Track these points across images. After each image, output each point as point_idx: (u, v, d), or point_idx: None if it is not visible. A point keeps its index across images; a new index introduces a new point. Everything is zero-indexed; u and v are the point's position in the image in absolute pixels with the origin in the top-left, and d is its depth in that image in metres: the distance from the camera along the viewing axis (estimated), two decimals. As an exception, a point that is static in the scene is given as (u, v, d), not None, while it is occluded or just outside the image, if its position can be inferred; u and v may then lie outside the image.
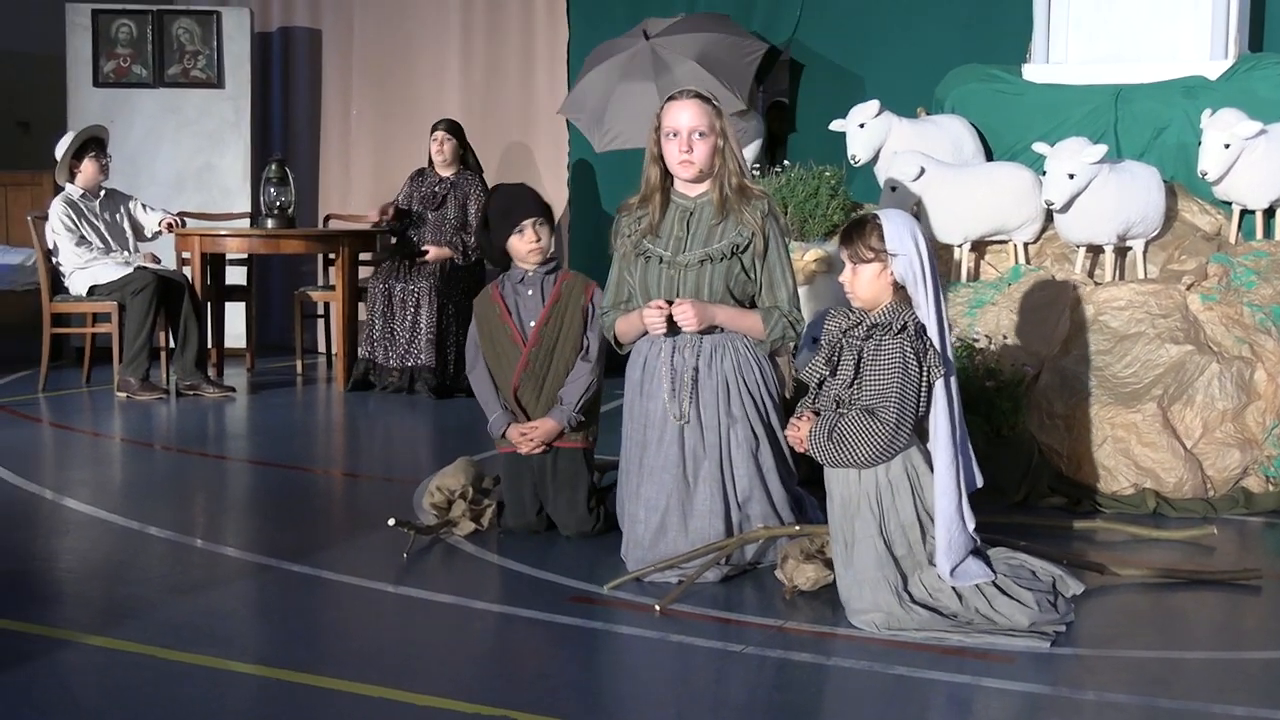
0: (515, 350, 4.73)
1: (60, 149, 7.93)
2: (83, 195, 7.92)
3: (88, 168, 7.91)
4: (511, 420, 4.73)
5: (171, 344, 7.92)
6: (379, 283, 7.98)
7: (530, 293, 4.77)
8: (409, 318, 7.86)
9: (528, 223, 4.74)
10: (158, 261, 7.95)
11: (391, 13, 9.70)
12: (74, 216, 7.82)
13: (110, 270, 7.79)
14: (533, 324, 4.72)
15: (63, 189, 7.96)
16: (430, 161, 8.29)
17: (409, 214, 8.17)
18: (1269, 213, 6.03)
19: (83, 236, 7.81)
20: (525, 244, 4.75)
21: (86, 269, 7.78)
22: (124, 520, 4.97)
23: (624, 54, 7.79)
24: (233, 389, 7.85)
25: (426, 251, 8.02)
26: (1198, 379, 5.26)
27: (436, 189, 8.18)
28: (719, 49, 7.75)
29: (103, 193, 8.01)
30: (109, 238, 7.94)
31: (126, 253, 7.93)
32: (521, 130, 9.33)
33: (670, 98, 4.32)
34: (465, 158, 8.29)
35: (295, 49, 10.00)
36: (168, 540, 4.71)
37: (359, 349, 8.07)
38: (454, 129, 8.26)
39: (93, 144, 7.96)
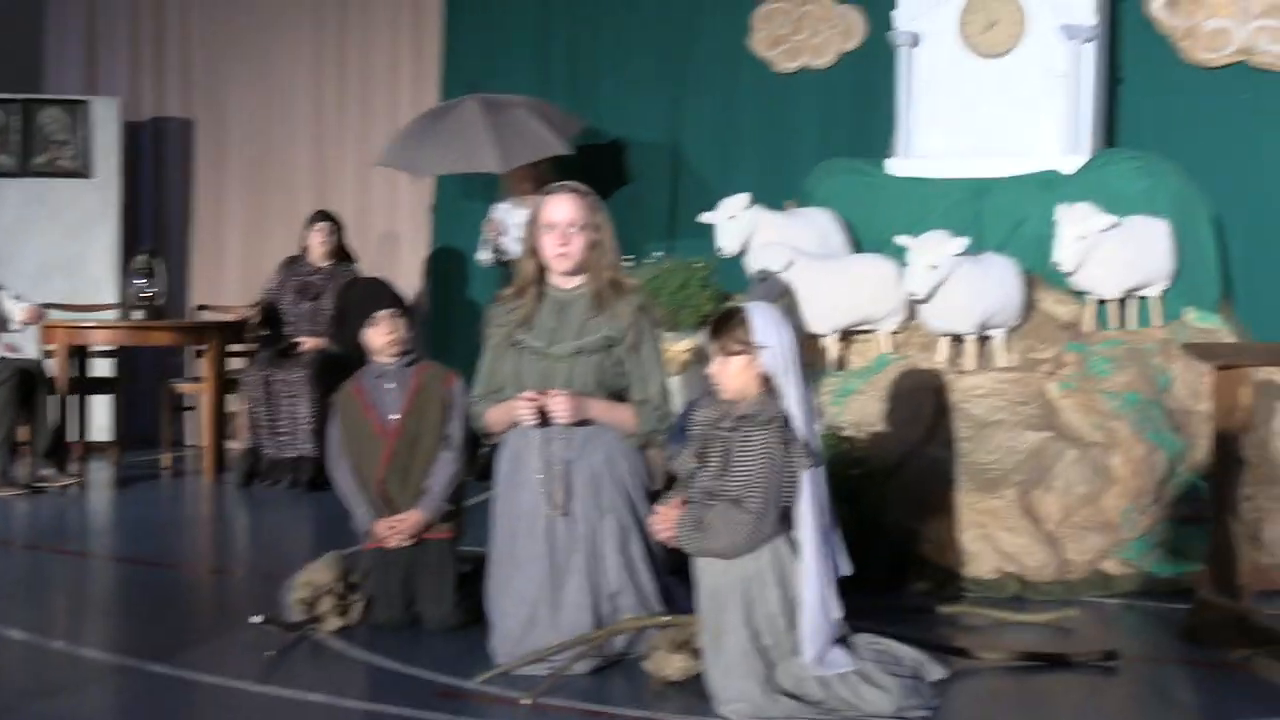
0: (378, 443, 4.72)
1: None
2: None
3: None
4: (378, 515, 4.70)
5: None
6: (255, 373, 7.89)
7: (390, 386, 4.77)
8: (285, 408, 7.78)
9: (382, 315, 4.76)
10: (16, 351, 7.77)
11: (265, 103, 9.68)
12: None
13: None
14: (394, 416, 4.72)
15: None
16: (304, 250, 8.24)
17: (277, 315, 8.09)
18: (1122, 302, 6.22)
19: None
20: (381, 336, 4.76)
21: None
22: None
23: (447, 105, 8.23)
24: (78, 478, 7.63)
25: (301, 342, 7.96)
26: (1056, 465, 5.39)
27: (312, 279, 8.14)
28: (546, 108, 8.14)
29: None
30: None
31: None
32: (389, 220, 9.35)
33: (547, 191, 4.38)
34: (342, 249, 8.28)
35: (167, 139, 9.92)
36: (24, 643, 4.57)
37: (244, 440, 7.95)
38: (336, 222, 8.26)
39: None
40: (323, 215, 8.28)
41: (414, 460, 4.71)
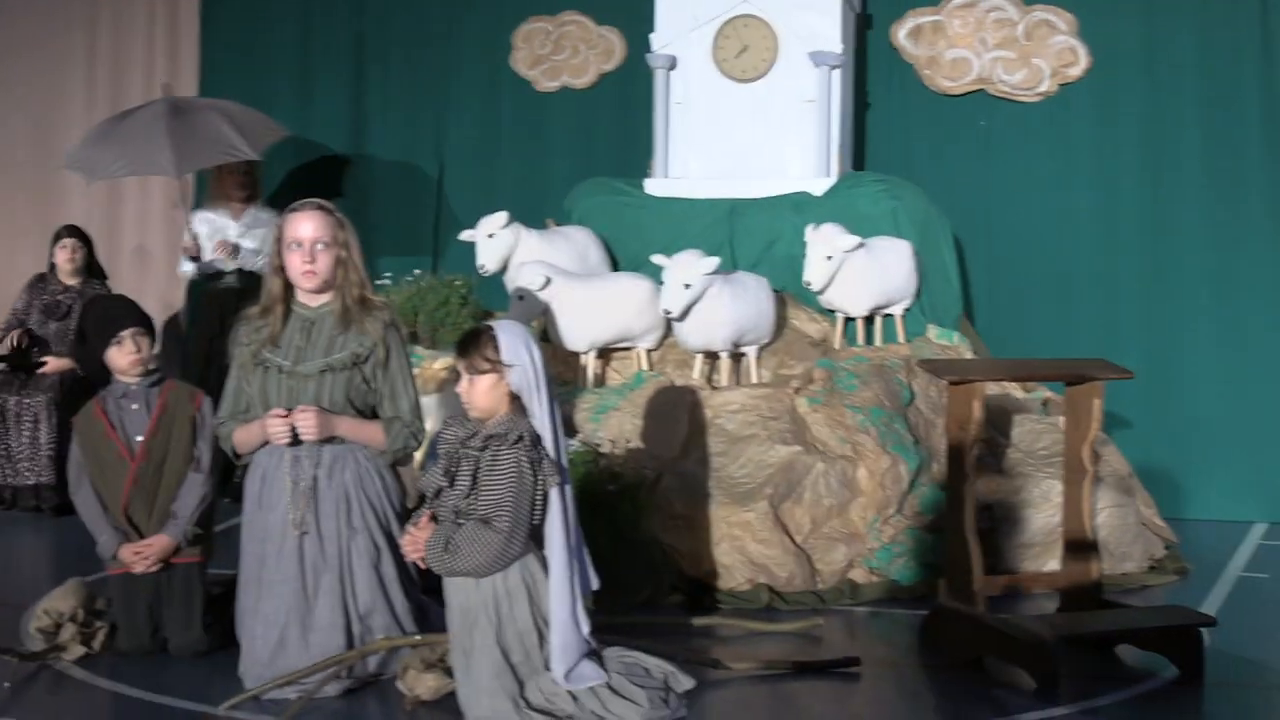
0: (123, 466, 4.61)
1: None
2: None
3: None
4: (123, 540, 4.59)
5: None
6: None
7: (135, 406, 4.66)
8: (25, 434, 7.48)
9: (126, 334, 4.66)
10: None
11: (13, 113, 9.31)
12: None
13: None
14: (139, 438, 4.61)
15: None
16: (52, 269, 7.96)
17: (37, 339, 7.80)
18: (869, 320, 6.45)
19: None
20: (125, 356, 4.66)
21: None
22: None
23: (135, 107, 7.99)
24: None
25: (45, 363, 7.68)
26: (805, 478, 5.57)
27: (60, 298, 7.85)
28: (242, 113, 7.87)
29: None
30: None
31: None
32: (140, 233, 9.09)
33: (292, 209, 4.33)
34: (91, 266, 8.02)
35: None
36: None
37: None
38: (84, 237, 7.98)
39: None
40: (70, 231, 7.98)
41: (160, 483, 4.61)
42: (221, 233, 7.77)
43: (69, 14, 9.25)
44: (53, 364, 7.67)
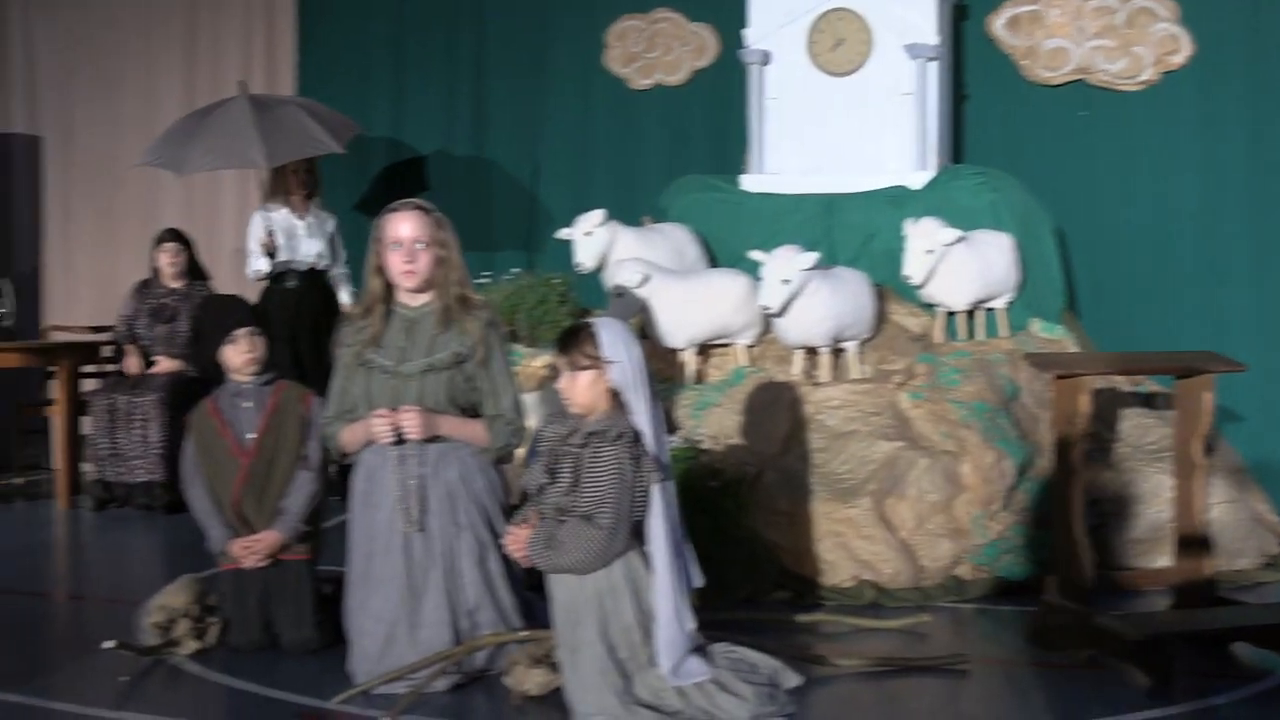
0: (234, 463, 4.68)
1: None
2: None
3: None
4: (233, 535, 4.66)
5: None
6: (102, 398, 7.73)
7: (247, 405, 4.73)
8: (136, 432, 7.63)
9: (241, 333, 4.72)
10: None
11: (114, 118, 9.48)
12: None
13: None
14: (251, 436, 4.68)
15: None
16: (155, 273, 8.10)
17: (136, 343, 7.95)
18: (970, 314, 6.39)
19: None
20: (240, 354, 4.72)
21: None
22: None
23: (212, 104, 8.09)
24: None
25: (155, 363, 7.82)
26: (909, 473, 5.52)
27: (166, 301, 7.98)
28: (320, 108, 8.02)
29: None
30: None
31: None
32: (239, 236, 9.19)
33: (391, 209, 4.35)
34: (193, 268, 8.16)
35: (14, 156, 9.69)
36: None
37: (89, 468, 7.79)
38: (184, 240, 8.12)
39: None
40: (171, 234, 8.10)
41: (270, 480, 4.67)
42: (288, 232, 7.87)
43: (167, 19, 9.39)
44: (163, 365, 7.80)
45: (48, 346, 8.27)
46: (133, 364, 7.79)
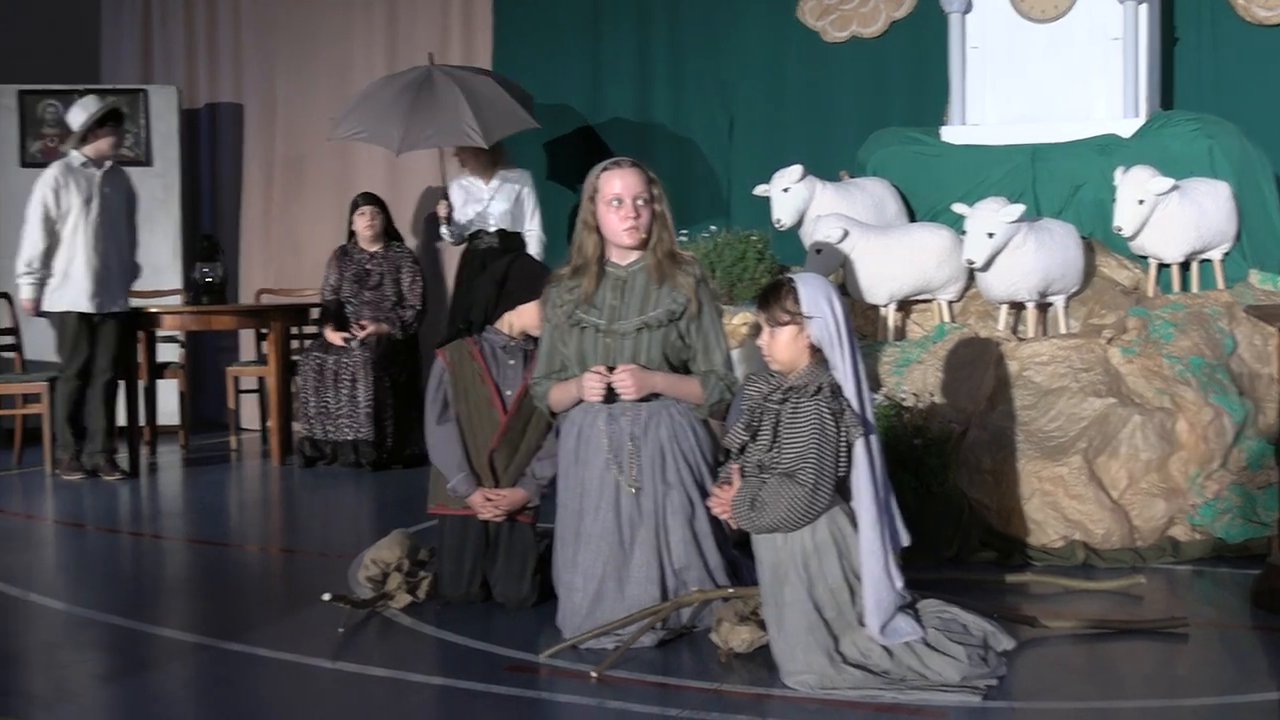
0: (492, 414, 4.72)
1: (77, 118, 7.51)
2: (84, 163, 7.49)
3: (104, 138, 7.50)
4: (476, 484, 4.71)
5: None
6: (311, 358, 7.95)
7: (511, 362, 4.78)
8: (344, 391, 7.83)
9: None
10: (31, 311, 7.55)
11: (311, 85, 9.69)
12: (57, 187, 7.38)
13: (70, 293, 7.47)
14: (510, 393, 4.73)
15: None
16: (352, 236, 8.27)
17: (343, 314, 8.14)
18: (1184, 266, 6.17)
19: (51, 228, 7.38)
20: (533, 317, 4.74)
21: (62, 286, 7.46)
22: (58, 604, 4.93)
23: (405, 75, 8.25)
24: (125, 471, 7.62)
25: (364, 327, 7.99)
26: (1121, 431, 5.36)
27: (368, 267, 8.18)
28: (508, 80, 8.19)
29: (108, 164, 7.58)
30: (96, 217, 7.46)
31: (33, 277, 7.42)
32: (431, 201, 9.33)
33: (606, 167, 4.35)
34: (389, 230, 8.31)
35: (221, 125, 10.01)
36: (102, 623, 4.66)
37: (297, 425, 8.05)
38: (380, 203, 8.29)
39: (116, 116, 7.60)
40: (367, 198, 8.29)
41: (523, 440, 4.73)
42: (475, 198, 8.01)
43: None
44: (372, 327, 7.98)
45: (259, 309, 8.55)
46: (336, 338, 7.99)
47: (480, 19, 9.20)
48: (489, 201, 8.08)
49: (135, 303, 8.28)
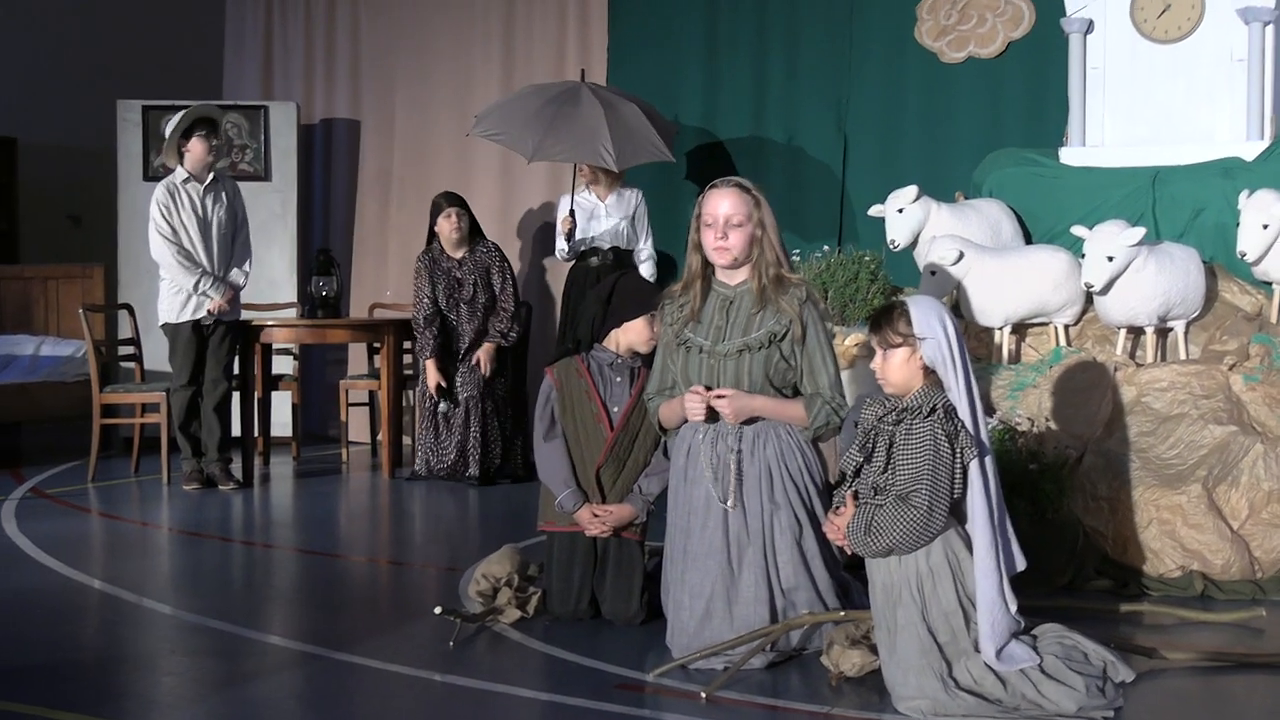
0: (598, 430, 4.75)
1: (168, 128, 7.63)
2: (186, 179, 7.55)
3: (195, 147, 7.54)
4: (584, 500, 4.73)
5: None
6: (424, 400, 7.98)
7: (618, 379, 4.80)
8: (455, 430, 7.88)
9: (657, 315, 4.71)
10: (229, 306, 7.67)
11: (428, 103, 9.77)
12: (169, 207, 7.51)
13: (179, 304, 7.57)
14: (617, 409, 4.75)
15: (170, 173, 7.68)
16: (433, 238, 8.09)
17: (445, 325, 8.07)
18: (1310, 292, 6.02)
19: (178, 243, 7.48)
20: (650, 333, 4.75)
21: (174, 296, 7.56)
22: (171, 610, 5.03)
23: (554, 88, 8.21)
24: (239, 481, 7.73)
25: (477, 364, 7.92)
26: (1242, 460, 5.24)
27: (457, 275, 8.04)
28: (653, 110, 8.16)
29: (210, 176, 7.64)
30: (209, 233, 7.57)
31: (211, 277, 7.54)
32: (548, 217, 9.36)
33: (711, 186, 4.37)
34: (474, 230, 8.19)
35: (336, 141, 10.14)
36: (215, 630, 4.75)
37: (411, 439, 8.12)
38: (464, 204, 8.12)
39: (203, 123, 7.59)
40: (449, 199, 8.10)
41: (630, 456, 4.75)
42: (591, 214, 7.99)
43: (486, 6, 9.64)
44: (485, 361, 7.88)
45: (374, 323, 8.66)
46: (434, 378, 7.85)
47: (596, 37, 9.23)
48: (604, 219, 8.06)
49: (251, 315, 8.42)
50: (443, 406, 7.88)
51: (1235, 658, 4.25)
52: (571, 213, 8.02)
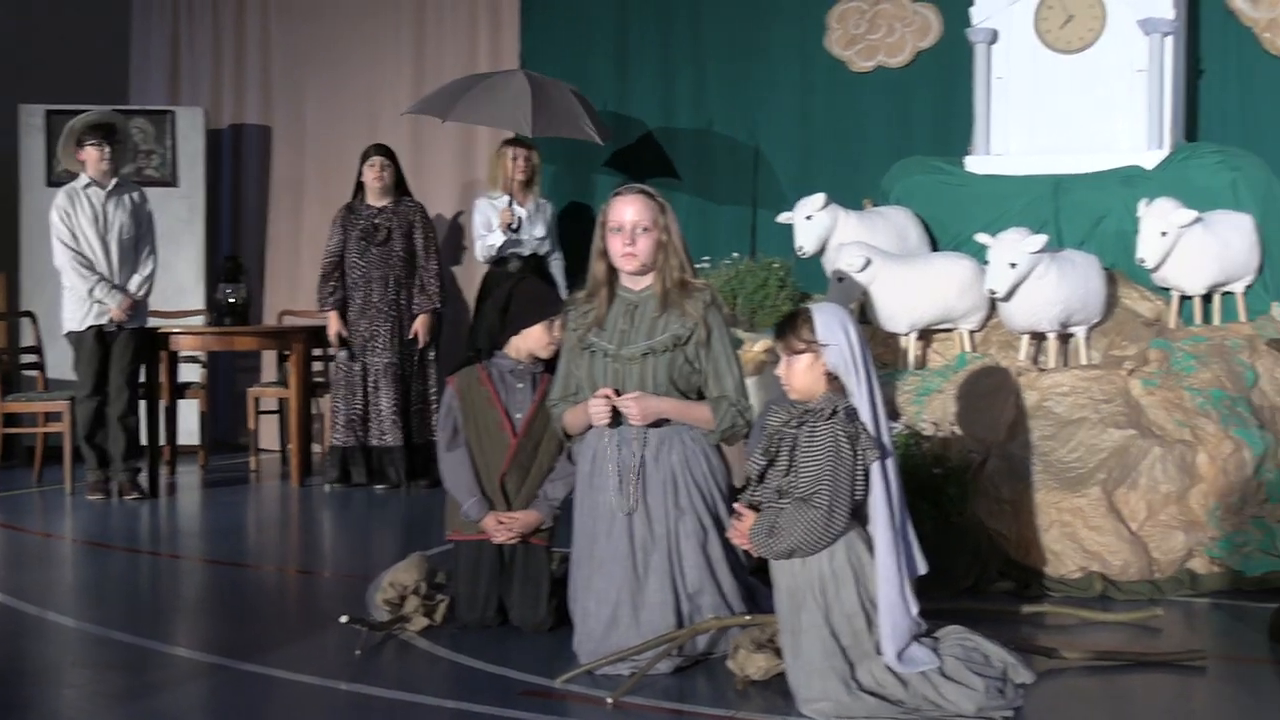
0: (502, 438, 4.74)
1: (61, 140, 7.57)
2: (88, 185, 7.46)
3: (88, 155, 7.45)
4: (489, 508, 4.73)
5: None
6: (345, 364, 7.96)
7: (520, 385, 4.79)
8: (370, 399, 7.85)
9: (558, 320, 4.73)
10: (130, 313, 7.52)
11: (340, 109, 9.71)
12: (69, 212, 7.38)
13: (83, 312, 7.45)
14: (519, 416, 4.75)
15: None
16: (359, 189, 8.10)
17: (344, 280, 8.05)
18: (1206, 298, 6.15)
19: (77, 249, 7.38)
20: (549, 338, 4.77)
21: (76, 303, 7.44)
22: (74, 622, 4.95)
23: (494, 73, 8.30)
24: (145, 491, 7.63)
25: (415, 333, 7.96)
26: (1141, 463, 5.35)
27: (375, 221, 7.99)
28: (590, 105, 8.13)
29: (114, 182, 7.54)
30: (109, 239, 7.46)
31: (107, 284, 7.42)
32: (459, 222, 9.36)
33: (615, 194, 4.40)
34: (400, 185, 8.15)
35: (246, 146, 10.05)
36: (119, 642, 4.68)
37: (333, 437, 8.05)
38: (391, 154, 8.10)
39: (94, 130, 7.48)
40: (377, 149, 8.10)
41: (534, 463, 4.75)
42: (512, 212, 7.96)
43: (396, 11, 9.60)
44: (421, 332, 7.94)
45: (282, 330, 8.59)
46: (335, 326, 7.96)
47: (508, 48, 9.23)
48: (524, 224, 7.99)
49: (158, 322, 8.32)
50: (342, 355, 7.92)
51: (1132, 656, 4.33)
52: (510, 204, 7.94)
